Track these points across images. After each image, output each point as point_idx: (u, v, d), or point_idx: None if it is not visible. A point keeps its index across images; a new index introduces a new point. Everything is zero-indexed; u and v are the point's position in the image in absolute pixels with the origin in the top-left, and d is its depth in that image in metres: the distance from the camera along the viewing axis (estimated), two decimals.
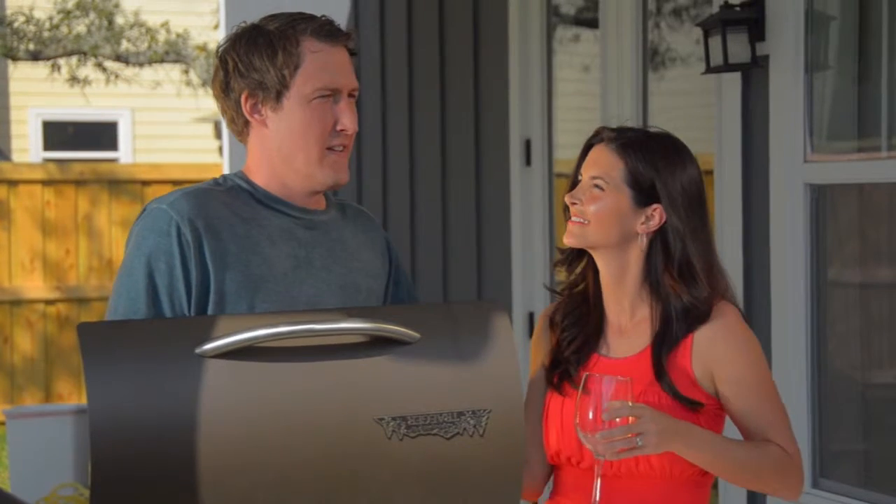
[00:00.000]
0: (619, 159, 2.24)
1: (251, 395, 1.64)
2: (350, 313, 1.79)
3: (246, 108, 2.13)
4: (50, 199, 8.80)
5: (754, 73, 3.50)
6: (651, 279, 2.23)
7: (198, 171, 9.28)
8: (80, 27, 10.89)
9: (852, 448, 3.47)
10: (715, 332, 2.20)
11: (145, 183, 9.05)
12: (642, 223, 2.23)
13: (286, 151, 2.13)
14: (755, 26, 3.41)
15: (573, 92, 4.99)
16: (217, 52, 2.17)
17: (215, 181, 2.18)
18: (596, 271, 2.28)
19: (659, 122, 4.57)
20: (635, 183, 2.22)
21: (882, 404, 3.45)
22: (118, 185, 9.00)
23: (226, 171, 7.49)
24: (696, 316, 2.20)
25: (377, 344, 1.71)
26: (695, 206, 2.24)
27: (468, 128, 5.01)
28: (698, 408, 2.17)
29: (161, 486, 1.59)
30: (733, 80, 3.57)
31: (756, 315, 3.54)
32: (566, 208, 2.27)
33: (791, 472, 2.19)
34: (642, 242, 2.23)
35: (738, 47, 3.41)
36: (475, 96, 4.98)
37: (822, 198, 3.41)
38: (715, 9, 3.56)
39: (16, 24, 10.78)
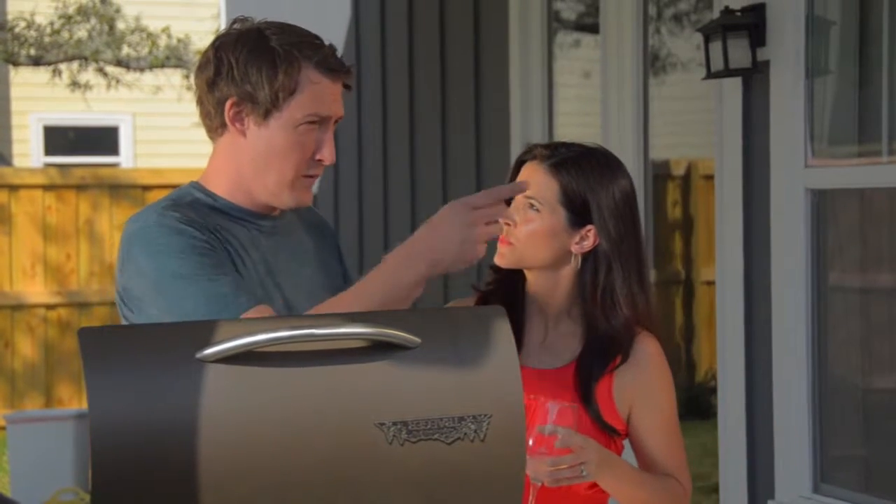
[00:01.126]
0: (552, 179, 2.22)
1: (252, 400, 1.64)
2: (351, 317, 1.79)
3: (229, 113, 2.08)
4: (51, 204, 8.81)
5: (755, 79, 3.50)
6: (580, 298, 2.24)
7: (198, 176, 9.28)
8: (82, 32, 10.90)
9: (853, 453, 3.47)
10: (636, 369, 2.21)
11: (146, 188, 9.06)
12: (577, 243, 2.23)
13: (259, 166, 2.09)
14: (756, 31, 3.41)
15: (574, 97, 5.00)
16: (214, 44, 2.09)
17: (173, 198, 2.12)
18: (524, 280, 2.28)
19: (659, 126, 4.58)
20: (569, 203, 2.21)
21: (883, 409, 3.45)
22: (119, 189, 9.01)
23: None
24: (617, 344, 2.21)
25: (378, 349, 1.71)
26: (627, 225, 2.25)
27: (469, 132, 5.01)
28: (616, 437, 2.20)
29: (161, 491, 1.60)
30: (734, 86, 3.57)
31: (757, 320, 3.54)
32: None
33: None
34: (576, 262, 2.24)
35: (739, 52, 3.42)
36: (476, 101, 4.98)
37: (822, 203, 3.41)
38: (715, 14, 3.56)
39: (17, 30, 10.79)
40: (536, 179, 2.22)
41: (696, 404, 6.74)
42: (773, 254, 3.45)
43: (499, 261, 2.24)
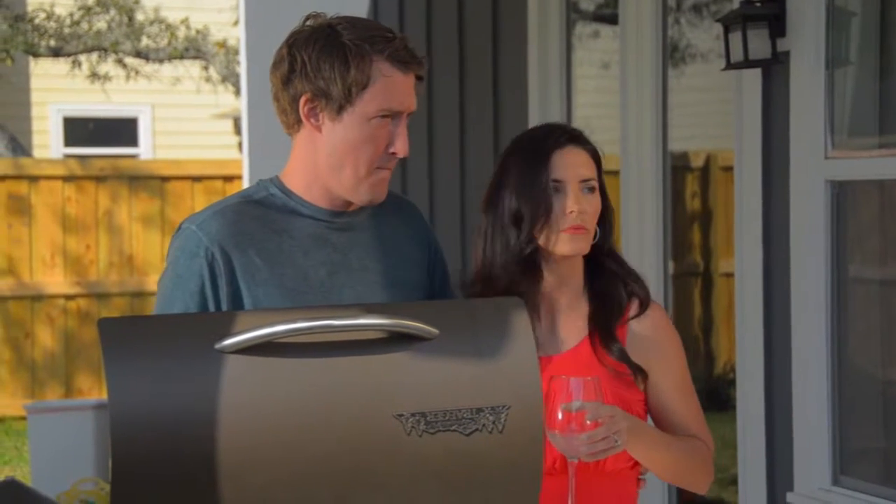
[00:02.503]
0: (591, 159, 2.26)
1: (270, 391, 1.64)
2: (369, 309, 1.79)
3: (303, 109, 2.11)
4: (70, 195, 8.84)
5: (775, 70, 3.49)
6: (589, 270, 2.27)
7: (217, 167, 9.30)
8: (101, 24, 10.92)
9: (873, 445, 3.46)
10: (648, 330, 2.25)
11: (165, 179, 9.08)
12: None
13: (335, 161, 2.12)
14: (776, 22, 3.40)
15: (593, 89, 4.99)
16: (288, 41, 2.13)
17: (248, 192, 2.18)
18: (534, 281, 2.26)
19: (679, 118, 4.56)
20: (601, 181, 2.27)
21: None
22: (138, 180, 9.03)
23: (245, 166, 7.50)
24: (630, 290, 2.26)
25: (396, 340, 1.71)
26: None
27: (487, 124, 5.01)
28: (643, 378, 2.22)
29: (180, 481, 1.60)
30: (754, 77, 3.56)
31: (776, 312, 3.53)
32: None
33: (710, 466, 2.28)
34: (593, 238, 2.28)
35: (759, 43, 3.40)
36: (494, 93, 4.98)
37: (842, 194, 3.40)
38: (735, 4, 3.54)
39: (37, 21, 10.82)
40: (587, 162, 2.25)
41: (714, 396, 6.72)
42: (792, 246, 3.44)
43: (580, 249, 2.23)
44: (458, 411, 1.68)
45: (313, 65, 2.09)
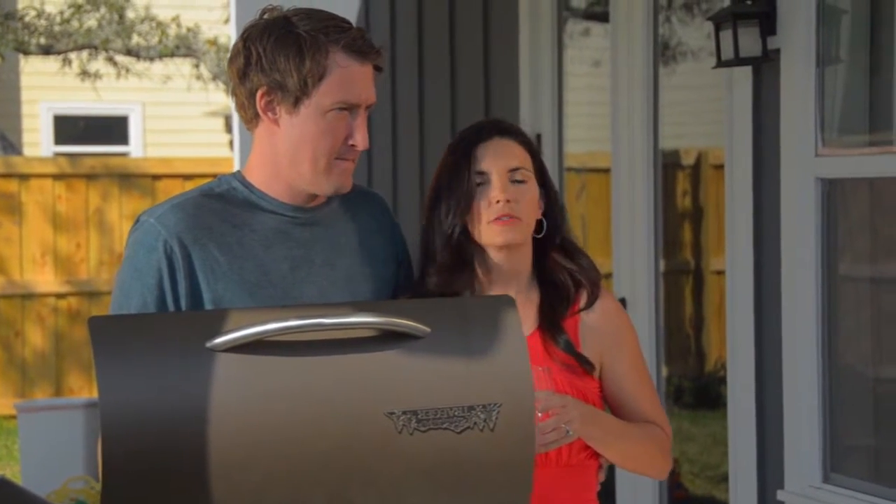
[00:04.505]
0: (524, 150, 2.25)
1: (261, 389, 1.64)
2: (360, 307, 1.79)
3: (260, 104, 2.09)
4: (61, 194, 8.82)
5: (765, 67, 3.49)
6: (538, 263, 2.26)
7: (208, 165, 9.29)
8: (91, 21, 10.90)
9: (863, 443, 3.46)
10: (601, 318, 2.25)
11: (156, 177, 9.07)
12: (541, 209, 2.27)
13: (293, 155, 2.10)
14: (766, 20, 3.40)
15: (584, 86, 4.99)
16: (243, 35, 2.11)
17: (209, 186, 2.16)
18: (467, 272, 2.24)
19: (670, 116, 4.57)
20: (538, 170, 2.26)
21: (893, 399, 3.45)
22: (129, 179, 9.02)
23: (236, 164, 7.50)
24: (578, 282, 2.24)
25: (387, 338, 1.71)
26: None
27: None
28: (590, 370, 2.20)
29: (172, 480, 1.60)
30: (744, 75, 3.56)
31: (766, 310, 3.53)
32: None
33: (669, 452, 2.27)
34: (537, 227, 2.26)
35: (750, 41, 3.41)
36: (486, 90, 4.98)
37: (833, 192, 3.40)
38: (726, 2, 3.55)
39: (27, 19, 10.79)
40: (515, 151, 2.24)
41: (705, 394, 6.73)
42: (783, 243, 3.45)
43: (512, 238, 2.21)
44: (449, 409, 1.68)
45: (268, 57, 2.06)
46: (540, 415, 2.01)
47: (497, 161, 2.22)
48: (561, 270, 2.26)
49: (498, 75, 4.90)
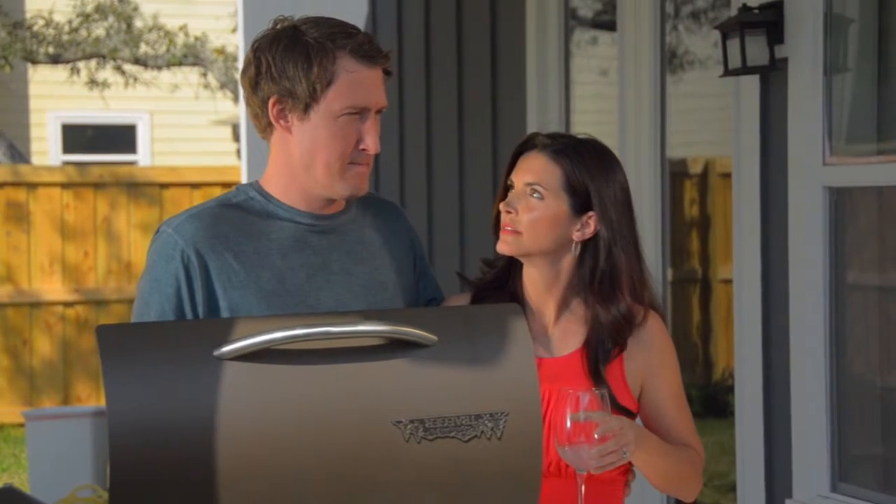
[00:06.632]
0: (555, 165, 2.24)
1: (269, 398, 1.64)
2: (367, 316, 1.79)
3: (272, 112, 2.12)
4: (69, 202, 8.83)
5: (773, 76, 3.49)
6: (580, 286, 2.27)
7: (216, 174, 9.30)
8: (100, 30, 10.93)
9: (871, 452, 3.46)
10: (644, 347, 2.28)
11: (163, 186, 9.08)
12: (577, 230, 2.25)
13: (307, 161, 2.12)
14: (774, 29, 3.40)
15: (591, 95, 4.99)
16: (253, 46, 2.14)
17: (227, 196, 2.18)
18: (520, 272, 2.30)
19: (677, 125, 4.57)
20: (572, 190, 2.24)
21: None
22: (137, 187, 9.03)
23: (243, 172, 7.51)
24: (620, 332, 2.25)
25: (395, 347, 1.71)
26: (625, 213, 2.27)
27: (486, 130, 5.01)
28: (631, 416, 2.24)
29: (179, 488, 1.60)
30: (752, 83, 3.56)
31: (774, 319, 3.53)
32: (496, 217, 2.29)
33: (701, 475, 2.31)
34: (575, 250, 2.26)
35: (757, 50, 3.41)
36: (493, 99, 4.98)
37: (841, 201, 3.40)
38: (733, 11, 3.55)
39: (35, 28, 10.83)
40: (539, 167, 2.25)
41: (713, 403, 6.72)
42: (790, 252, 3.44)
43: (503, 249, 2.26)
44: (456, 418, 1.68)
45: (278, 66, 2.09)
46: (597, 437, 2.03)
47: (519, 173, 2.26)
48: (607, 315, 2.26)
49: (505, 83, 4.91)
